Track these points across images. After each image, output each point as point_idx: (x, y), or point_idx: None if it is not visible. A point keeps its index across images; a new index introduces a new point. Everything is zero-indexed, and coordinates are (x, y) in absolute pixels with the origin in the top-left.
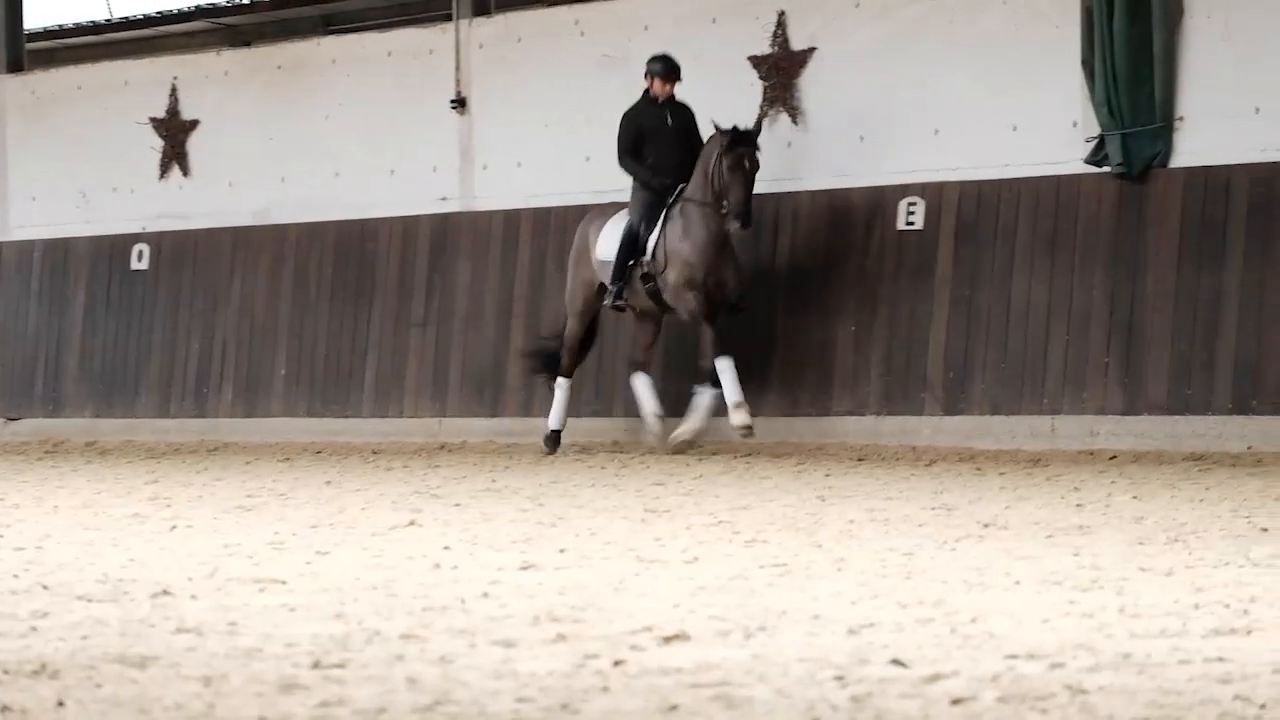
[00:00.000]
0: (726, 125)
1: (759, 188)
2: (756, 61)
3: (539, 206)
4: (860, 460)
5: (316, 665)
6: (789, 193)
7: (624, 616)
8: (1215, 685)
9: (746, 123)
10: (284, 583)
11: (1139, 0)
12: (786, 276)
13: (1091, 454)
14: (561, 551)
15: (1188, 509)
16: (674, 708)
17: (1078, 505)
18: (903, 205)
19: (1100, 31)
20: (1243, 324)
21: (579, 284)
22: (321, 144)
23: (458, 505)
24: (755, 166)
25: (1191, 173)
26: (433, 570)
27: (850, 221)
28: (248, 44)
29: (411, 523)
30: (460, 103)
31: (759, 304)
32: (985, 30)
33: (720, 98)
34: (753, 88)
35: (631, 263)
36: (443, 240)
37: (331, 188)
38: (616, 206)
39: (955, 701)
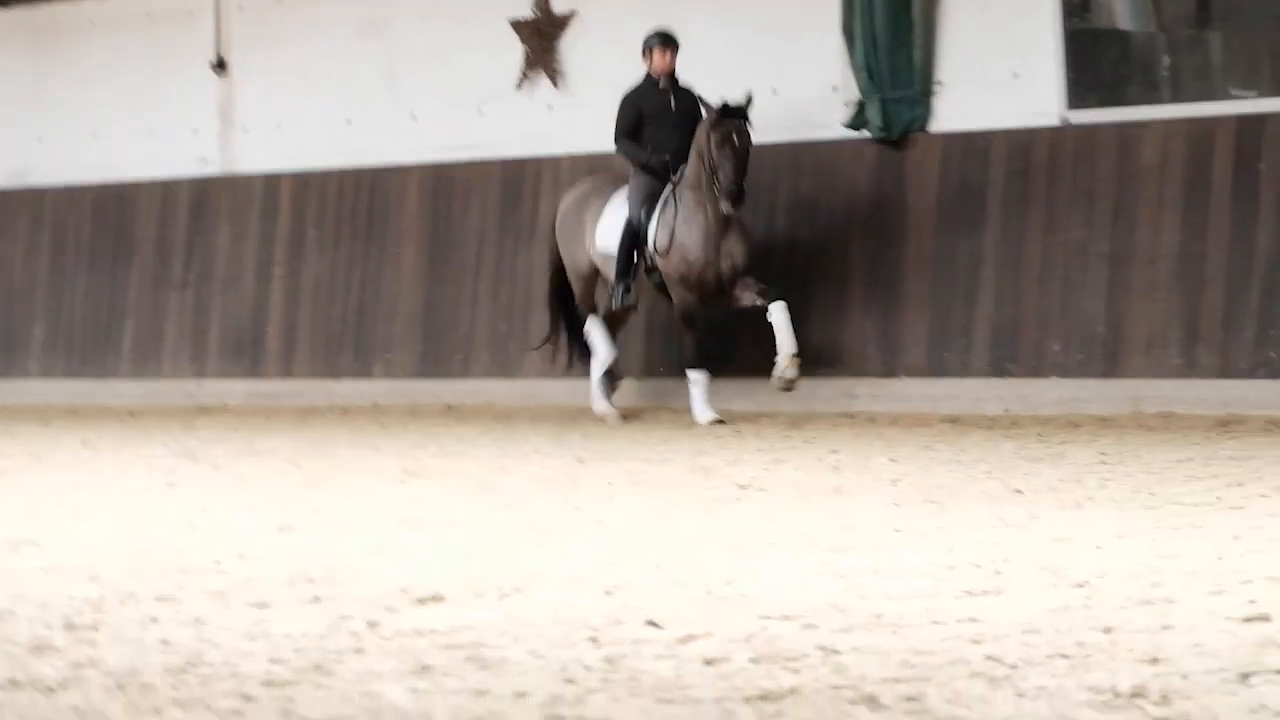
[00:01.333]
0: (716, 103)
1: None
2: (518, 25)
3: (299, 170)
4: (624, 419)
5: (69, 626)
6: (550, 156)
7: (379, 578)
8: (967, 645)
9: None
10: (38, 544)
11: None
12: (547, 241)
13: (850, 416)
14: (318, 514)
15: (944, 471)
16: (427, 668)
17: (835, 468)
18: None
19: None
20: (999, 289)
21: (570, 263)
22: (79, 107)
23: (215, 467)
24: (746, 141)
25: (950, 138)
26: (189, 531)
27: None
28: (4, 4)
29: (169, 485)
30: (220, 65)
31: (530, 266)
32: None
33: (482, 61)
34: (514, 51)
35: (635, 259)
36: (202, 203)
37: (90, 150)
38: (611, 184)
39: (708, 662)
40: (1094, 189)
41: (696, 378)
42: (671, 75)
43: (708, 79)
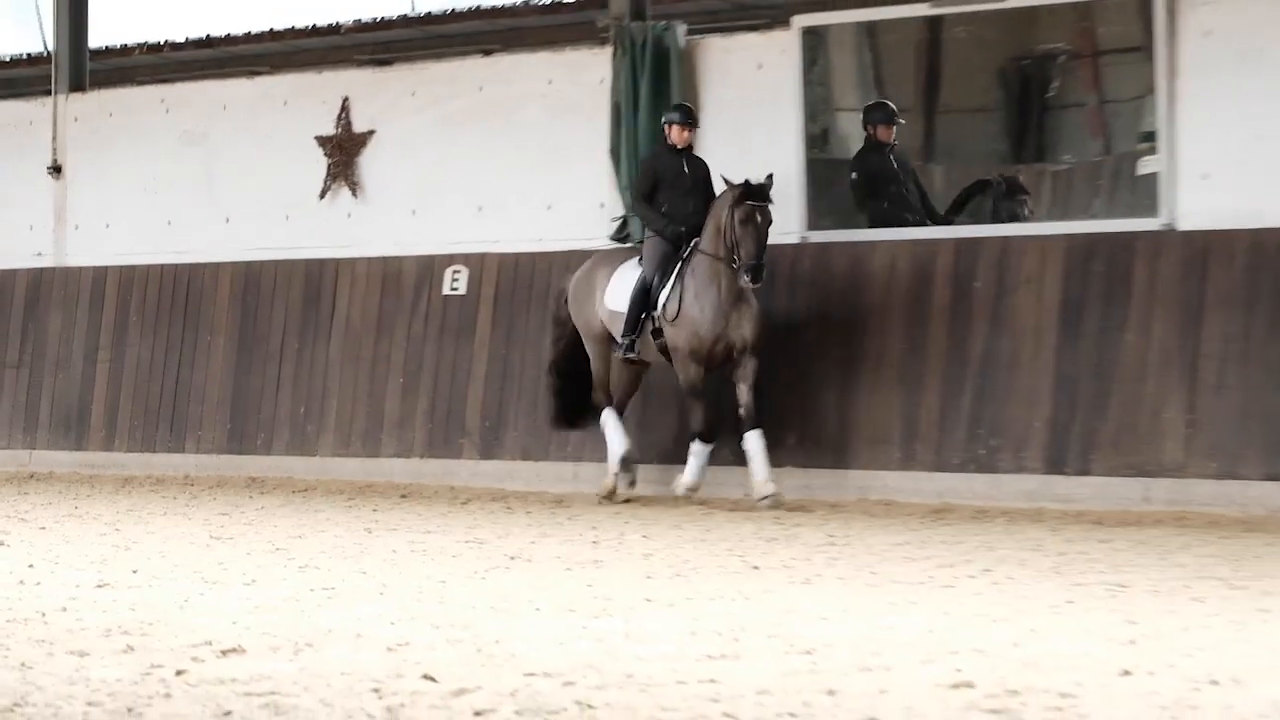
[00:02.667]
0: (737, 180)
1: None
2: (322, 141)
3: (124, 264)
4: (404, 497)
5: None
6: (348, 258)
7: (188, 631)
8: (707, 703)
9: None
10: None
11: (658, 99)
12: (344, 334)
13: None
14: (134, 572)
15: (690, 547)
16: (228, 714)
17: (594, 542)
18: (448, 273)
19: (626, 125)
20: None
21: (584, 326)
22: None
23: (43, 528)
24: (768, 220)
25: None
26: (17, 586)
27: (402, 286)
28: None
29: (1, 543)
30: (56, 169)
31: (327, 356)
32: (525, 121)
33: (290, 172)
34: (319, 164)
35: (644, 315)
36: (37, 292)
37: None
38: (622, 254)
39: (478, 713)
40: (829, 299)
41: (698, 449)
42: (688, 146)
43: (489, 195)
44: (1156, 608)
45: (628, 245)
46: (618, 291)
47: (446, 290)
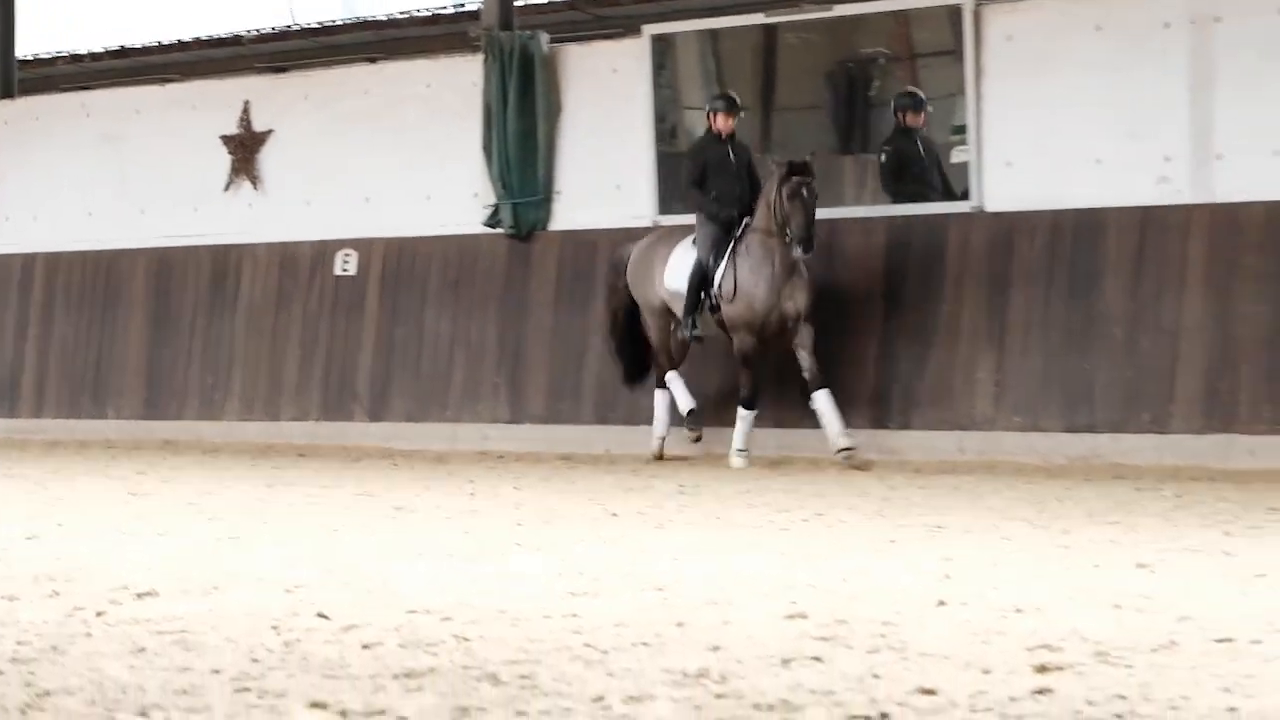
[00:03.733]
0: (781, 159)
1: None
2: (226, 140)
3: (50, 252)
4: (302, 456)
5: None
6: (249, 244)
7: (107, 577)
8: (570, 634)
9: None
10: None
11: (524, 100)
12: (247, 311)
13: (484, 454)
14: (60, 525)
15: (557, 498)
16: (143, 650)
17: (471, 494)
18: (339, 256)
19: (496, 124)
20: (602, 355)
21: (644, 301)
22: None
23: None
24: (813, 194)
25: (566, 235)
26: None
27: (298, 268)
28: None
29: None
30: None
31: (232, 331)
32: (406, 121)
33: (197, 168)
34: (223, 161)
35: (702, 295)
36: None
37: None
38: (679, 232)
39: (365, 646)
40: None
41: (745, 414)
42: (731, 133)
43: (375, 187)
44: (969, 545)
45: (501, 229)
46: (676, 272)
47: (338, 271)
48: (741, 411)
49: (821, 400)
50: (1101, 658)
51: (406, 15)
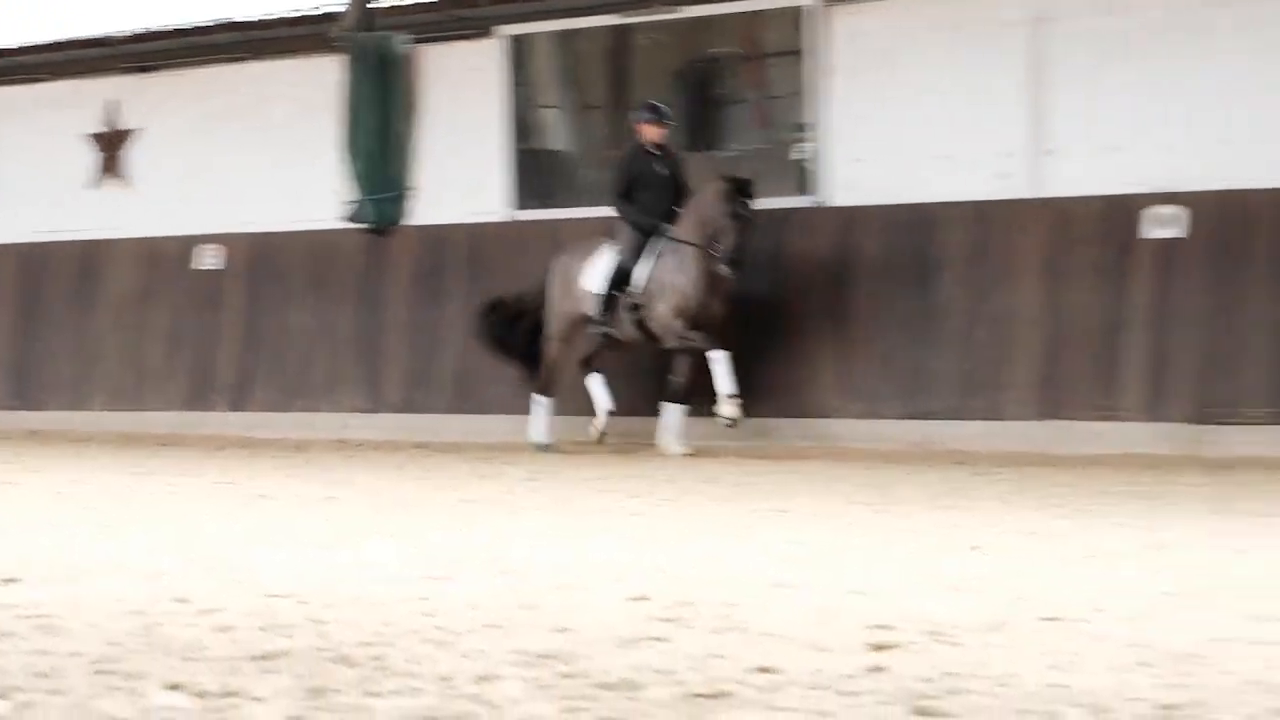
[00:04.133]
0: (723, 176)
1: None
2: (95, 138)
3: None
4: (164, 446)
5: None
6: (116, 239)
7: None
8: (422, 617)
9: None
10: None
11: (385, 99)
12: (114, 305)
13: (343, 442)
14: None
15: (412, 485)
16: (6, 634)
17: (329, 483)
18: (206, 251)
19: (357, 122)
20: (457, 347)
21: (561, 314)
22: None
23: None
24: (752, 215)
25: (421, 230)
26: None
27: (164, 263)
28: None
29: None
30: None
31: (92, 326)
32: (271, 119)
33: (65, 166)
34: (92, 159)
35: (616, 295)
36: None
37: None
38: (594, 244)
39: (223, 629)
40: (531, 267)
41: (719, 357)
42: (660, 143)
43: (242, 184)
44: (813, 530)
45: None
46: (593, 274)
47: (203, 266)
48: (714, 355)
49: (672, 412)
50: (935, 637)
51: (274, 17)
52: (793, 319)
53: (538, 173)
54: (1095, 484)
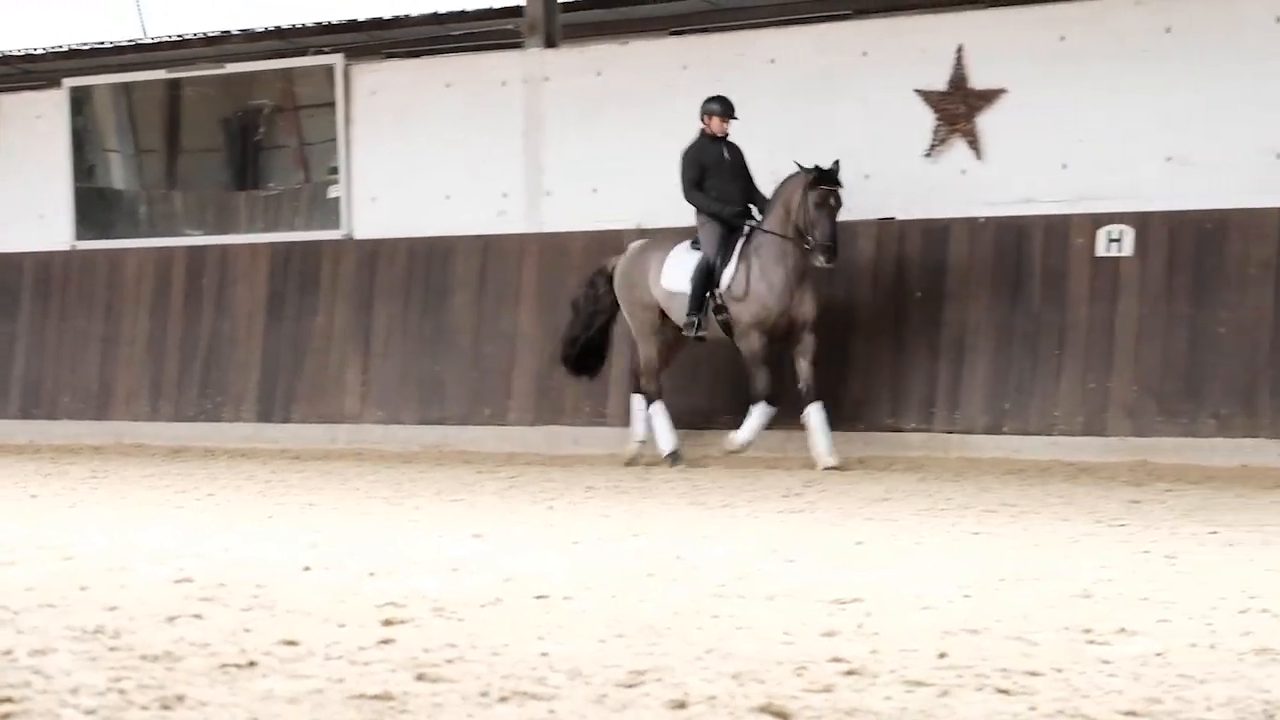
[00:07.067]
0: (807, 165)
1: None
2: None
3: None
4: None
5: None
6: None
7: None
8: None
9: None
10: None
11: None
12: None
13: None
14: None
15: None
16: None
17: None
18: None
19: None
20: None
21: (638, 310)
22: None
23: None
24: (840, 203)
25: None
26: None
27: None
28: None
29: None
30: None
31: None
32: None
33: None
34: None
35: (706, 294)
36: None
37: None
38: (669, 238)
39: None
40: (93, 294)
41: (761, 409)
42: (725, 135)
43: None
44: (335, 520)
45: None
46: (675, 273)
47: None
48: (757, 408)
49: (814, 414)
50: (438, 613)
51: None
52: (323, 335)
53: (99, 208)
54: (583, 480)
